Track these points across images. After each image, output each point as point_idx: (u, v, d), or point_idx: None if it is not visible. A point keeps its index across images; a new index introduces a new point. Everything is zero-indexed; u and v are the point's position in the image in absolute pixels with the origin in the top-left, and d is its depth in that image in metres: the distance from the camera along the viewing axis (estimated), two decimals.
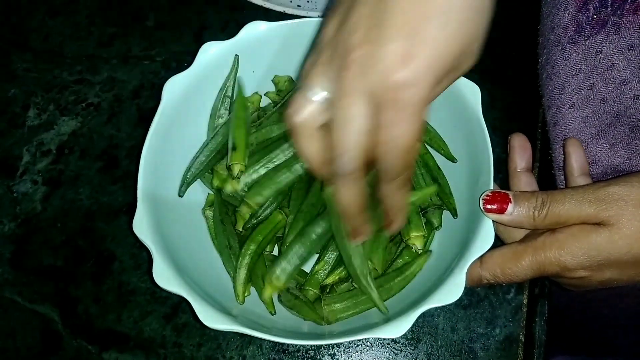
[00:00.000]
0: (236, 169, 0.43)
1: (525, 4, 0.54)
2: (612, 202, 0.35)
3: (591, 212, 0.35)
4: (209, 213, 0.45)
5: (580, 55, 0.42)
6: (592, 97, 0.43)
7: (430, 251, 0.43)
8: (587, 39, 0.41)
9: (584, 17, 0.42)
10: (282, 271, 0.40)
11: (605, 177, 0.44)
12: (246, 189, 0.44)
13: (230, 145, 0.43)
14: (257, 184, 0.43)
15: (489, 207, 0.37)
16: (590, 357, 0.70)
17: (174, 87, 0.43)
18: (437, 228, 0.43)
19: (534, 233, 0.39)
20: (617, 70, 0.41)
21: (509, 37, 0.57)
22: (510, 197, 0.37)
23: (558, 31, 0.44)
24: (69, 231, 0.50)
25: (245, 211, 0.43)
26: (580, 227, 0.36)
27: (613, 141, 0.43)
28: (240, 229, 0.44)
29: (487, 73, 0.55)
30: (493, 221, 0.38)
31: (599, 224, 0.35)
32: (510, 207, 0.37)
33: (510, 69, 0.56)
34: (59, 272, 0.49)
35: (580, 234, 0.35)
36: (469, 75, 0.43)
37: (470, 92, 0.42)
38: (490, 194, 0.37)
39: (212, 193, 0.46)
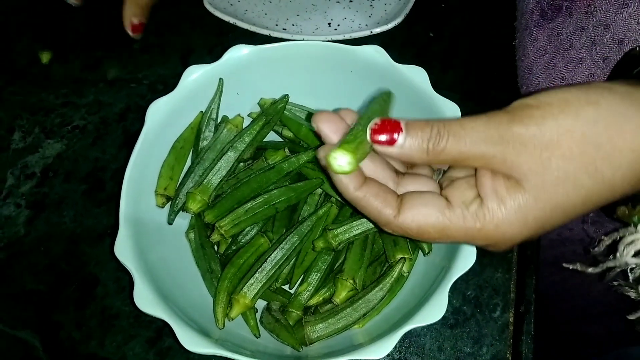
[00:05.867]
0: (159, 200, 0.43)
1: (507, 25, 0.55)
2: (517, 145, 0.30)
3: (496, 154, 0.30)
4: (192, 236, 0.45)
5: (545, 38, 0.45)
6: (554, 76, 0.45)
7: (405, 259, 0.41)
8: (549, 22, 0.44)
9: (545, 3, 0.46)
10: (249, 289, 0.40)
11: None
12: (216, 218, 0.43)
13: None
14: (233, 214, 0.43)
15: (377, 137, 0.31)
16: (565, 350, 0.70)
17: (158, 110, 0.43)
18: (427, 253, 0.42)
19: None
20: (574, 49, 0.43)
21: (491, 57, 0.58)
22: (402, 125, 0.31)
23: (526, 16, 0.46)
24: (52, 255, 0.50)
25: (216, 238, 0.43)
26: (501, 188, 0.30)
27: None
28: (222, 252, 0.43)
29: (470, 93, 0.56)
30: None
31: (509, 177, 0.30)
32: (401, 137, 0.31)
33: (492, 89, 0.57)
34: (41, 296, 0.48)
35: (506, 201, 0.30)
36: (451, 95, 0.43)
37: (450, 113, 0.42)
38: (379, 122, 0.31)
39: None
